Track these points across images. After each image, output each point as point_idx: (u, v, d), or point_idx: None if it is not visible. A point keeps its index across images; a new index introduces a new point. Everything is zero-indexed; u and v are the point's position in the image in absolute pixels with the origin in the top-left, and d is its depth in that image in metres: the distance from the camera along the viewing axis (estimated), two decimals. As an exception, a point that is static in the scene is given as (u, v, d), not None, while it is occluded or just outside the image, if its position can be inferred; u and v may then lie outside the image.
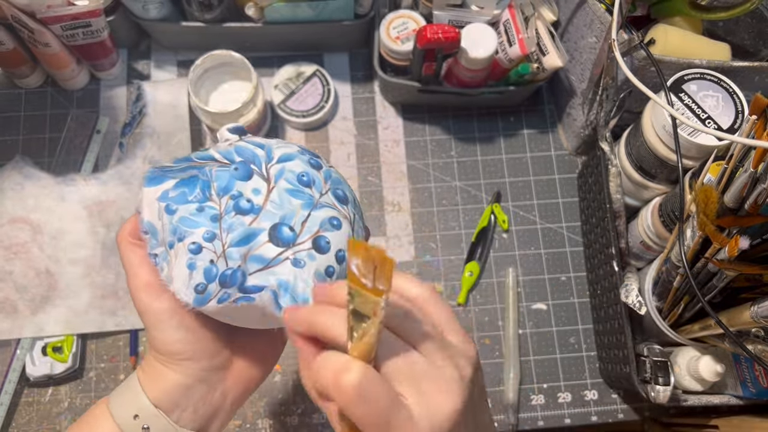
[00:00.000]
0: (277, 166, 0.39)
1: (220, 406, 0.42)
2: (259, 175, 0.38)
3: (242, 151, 0.40)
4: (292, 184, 0.39)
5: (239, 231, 0.37)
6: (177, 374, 0.39)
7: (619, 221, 0.74)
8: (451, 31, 0.71)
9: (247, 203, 0.37)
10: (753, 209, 0.53)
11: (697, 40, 0.71)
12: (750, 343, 0.59)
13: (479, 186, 0.87)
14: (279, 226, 0.37)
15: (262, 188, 0.38)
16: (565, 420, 0.78)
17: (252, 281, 0.36)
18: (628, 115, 0.75)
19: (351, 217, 0.41)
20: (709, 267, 0.58)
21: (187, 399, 0.40)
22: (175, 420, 0.39)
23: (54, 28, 0.74)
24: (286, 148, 0.41)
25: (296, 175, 0.39)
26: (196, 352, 0.40)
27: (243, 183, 0.38)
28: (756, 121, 0.53)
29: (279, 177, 0.39)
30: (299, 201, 0.38)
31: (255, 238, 0.37)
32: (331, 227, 0.39)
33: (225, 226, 0.37)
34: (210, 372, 0.41)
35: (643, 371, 0.68)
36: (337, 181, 0.42)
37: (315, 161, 0.42)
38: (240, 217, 0.37)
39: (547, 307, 0.82)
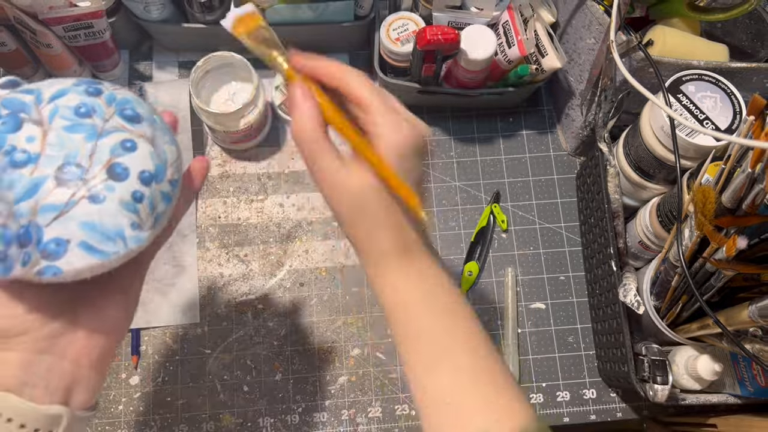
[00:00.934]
0: (48, 107, 0.36)
1: (77, 374, 0.38)
2: (31, 121, 0.35)
3: (9, 102, 0.36)
4: (68, 120, 0.36)
5: (21, 185, 0.34)
6: (11, 352, 0.36)
7: (618, 221, 0.75)
8: (450, 33, 0.71)
9: (22, 155, 0.34)
10: (751, 209, 0.53)
11: (695, 41, 0.71)
12: (748, 343, 0.59)
13: (479, 186, 0.87)
14: (64, 166, 0.34)
15: (36, 134, 0.35)
16: (564, 419, 0.78)
17: (50, 233, 0.34)
18: (627, 115, 0.75)
19: (149, 135, 0.38)
20: (707, 266, 0.59)
21: (32, 375, 0.36)
22: (28, 398, 0.35)
23: (56, 29, 0.74)
24: (59, 84, 0.38)
25: (72, 109, 0.36)
26: (25, 323, 0.36)
27: (14, 135, 0.34)
28: (754, 122, 0.53)
29: (53, 117, 0.36)
30: (80, 134, 0.35)
31: (41, 187, 0.34)
32: (125, 150, 0.36)
33: (5, 185, 0.33)
34: (50, 340, 0.37)
35: (641, 370, 0.69)
36: (124, 102, 0.39)
37: (94, 88, 0.38)
38: (18, 171, 0.34)
39: (545, 306, 0.83)
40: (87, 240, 0.34)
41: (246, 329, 0.79)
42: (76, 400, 0.38)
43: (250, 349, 0.79)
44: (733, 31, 0.75)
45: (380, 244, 0.43)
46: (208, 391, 0.77)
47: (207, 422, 0.75)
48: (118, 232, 0.35)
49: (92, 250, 0.35)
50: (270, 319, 0.80)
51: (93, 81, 0.39)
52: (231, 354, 0.78)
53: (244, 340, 0.79)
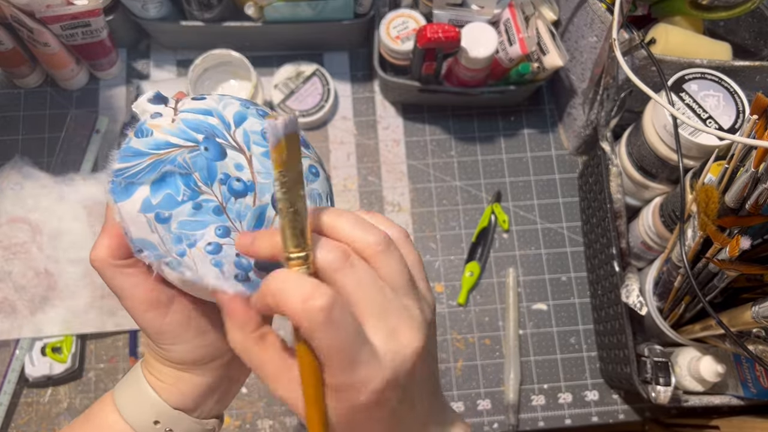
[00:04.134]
0: (239, 132, 0.35)
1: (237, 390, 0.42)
2: (231, 147, 0.34)
3: (196, 125, 0.34)
4: (262, 146, 0.35)
5: (249, 215, 0.34)
6: (200, 377, 0.38)
7: (620, 221, 0.74)
8: (451, 31, 0.71)
9: (239, 183, 0.34)
10: (754, 209, 0.53)
11: (697, 39, 0.71)
12: (751, 344, 0.59)
13: (479, 186, 0.87)
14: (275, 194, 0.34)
15: (242, 161, 0.34)
16: (565, 420, 0.78)
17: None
18: (629, 114, 0.75)
19: (316, 158, 0.38)
20: (710, 267, 0.58)
21: (211, 395, 0.39)
22: (197, 416, 0.38)
23: (53, 27, 0.74)
24: (231, 106, 0.36)
25: (261, 135, 0.35)
26: (217, 350, 0.38)
27: (222, 163, 0.33)
28: (757, 121, 0.53)
29: (248, 143, 0.35)
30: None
31: (265, 216, 0.34)
32: (313, 176, 0.37)
33: (233, 216, 0.33)
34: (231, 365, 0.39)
35: (643, 372, 0.68)
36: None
37: (261, 111, 0.37)
38: (241, 200, 0.34)
39: (547, 307, 0.82)
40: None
41: (245, 330, 0.79)
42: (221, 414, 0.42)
43: (248, 350, 0.78)
44: (736, 30, 0.74)
45: None
46: (207, 392, 0.76)
47: None
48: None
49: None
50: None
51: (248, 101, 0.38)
52: (230, 355, 0.78)
53: (243, 341, 0.78)
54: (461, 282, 0.82)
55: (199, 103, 0.36)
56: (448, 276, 0.83)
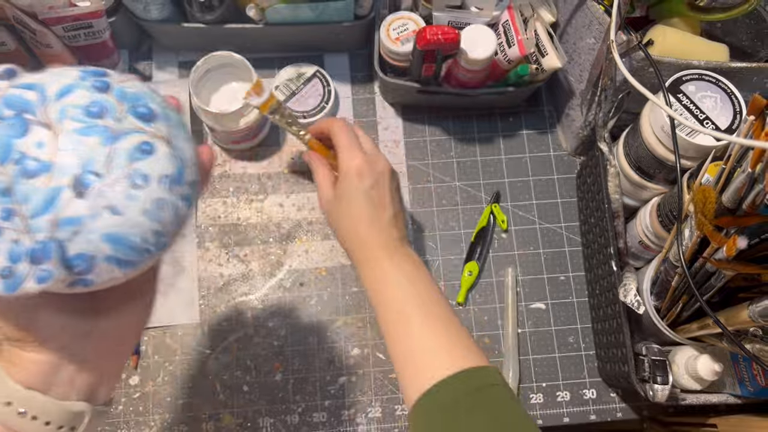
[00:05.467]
0: (55, 106, 0.33)
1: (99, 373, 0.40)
2: (38, 123, 0.32)
3: (11, 100, 0.33)
4: (80, 121, 0.32)
5: (36, 197, 0.31)
6: (40, 354, 0.36)
7: (618, 221, 0.74)
8: (450, 33, 0.71)
9: (34, 163, 0.31)
10: (751, 209, 0.53)
11: (695, 41, 0.71)
12: (748, 342, 0.59)
13: (479, 186, 0.87)
14: (81, 176, 0.32)
15: (45, 138, 0.32)
16: (563, 419, 0.78)
17: (74, 248, 0.32)
18: (627, 115, 0.75)
19: (164, 134, 0.35)
20: (707, 267, 0.59)
21: (58, 375, 0.37)
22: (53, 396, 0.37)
23: (56, 29, 0.74)
24: (63, 77, 0.34)
25: (82, 109, 0.33)
26: (53, 327, 0.37)
27: (22, 140, 0.31)
28: (754, 122, 0.53)
29: (62, 118, 0.32)
30: (95, 138, 0.32)
31: (58, 199, 0.31)
32: (143, 154, 0.33)
33: (19, 197, 0.31)
34: (75, 342, 0.38)
35: (641, 370, 0.69)
36: (136, 97, 0.35)
37: (101, 83, 0.35)
38: (32, 180, 0.31)
39: (546, 306, 0.83)
40: (112, 254, 0.33)
41: (246, 329, 0.79)
42: (98, 396, 0.40)
43: (249, 349, 0.79)
44: (734, 31, 0.75)
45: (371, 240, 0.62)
46: (208, 391, 0.77)
47: (207, 422, 0.75)
48: (144, 240, 0.34)
49: (119, 263, 0.34)
50: (270, 319, 0.80)
51: (98, 71, 0.36)
52: (231, 354, 0.78)
53: (244, 340, 0.79)
54: (460, 281, 0.82)
55: (29, 78, 0.34)
56: (447, 275, 0.83)
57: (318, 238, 0.83)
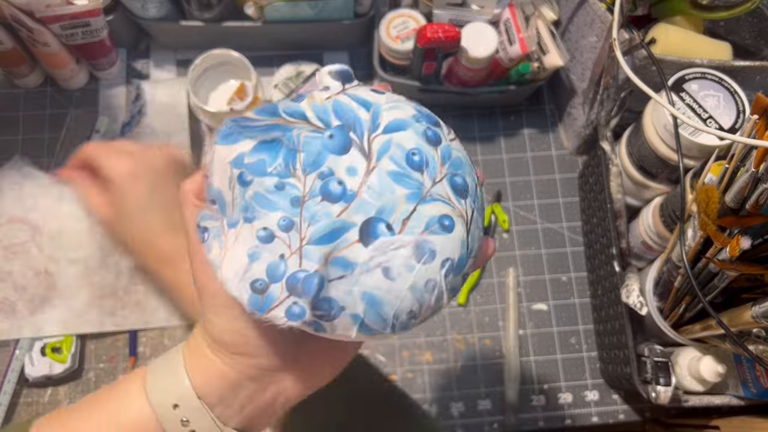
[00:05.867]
0: (382, 138, 0.30)
1: (270, 408, 0.37)
2: (359, 148, 0.30)
3: (342, 110, 0.31)
4: (398, 165, 0.30)
5: (324, 223, 0.29)
6: (227, 367, 0.34)
7: (620, 221, 0.74)
8: (451, 30, 0.71)
9: (338, 187, 0.29)
10: (754, 209, 0.53)
11: (698, 39, 0.70)
12: (751, 344, 0.59)
13: (479, 186, 0.86)
14: (374, 221, 0.29)
15: (359, 167, 0.29)
16: (565, 421, 0.78)
17: (332, 292, 0.29)
18: (629, 114, 0.75)
19: (468, 216, 0.32)
20: (710, 267, 0.58)
21: (233, 396, 0.35)
22: (217, 415, 0.34)
23: (53, 27, 0.74)
24: (399, 110, 0.32)
25: (405, 153, 0.30)
26: (255, 348, 0.34)
27: (337, 157, 0.29)
28: (757, 121, 0.52)
29: (383, 153, 0.30)
30: (404, 190, 0.29)
31: (343, 235, 0.29)
32: (441, 229, 0.30)
33: (307, 215, 0.29)
34: (263, 372, 0.35)
35: (643, 372, 0.68)
36: (458, 164, 0.32)
37: (433, 133, 0.32)
38: (327, 204, 0.29)
39: (547, 307, 0.82)
40: (362, 314, 0.30)
41: (245, 330, 0.79)
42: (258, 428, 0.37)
43: (248, 350, 0.78)
44: (737, 30, 0.74)
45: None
46: (207, 392, 0.76)
47: None
48: (395, 316, 0.30)
49: (362, 326, 0.30)
50: (269, 319, 0.79)
51: (432, 118, 0.33)
52: (229, 355, 0.78)
53: (243, 341, 0.78)
54: (461, 282, 0.82)
55: (366, 93, 0.32)
56: (448, 276, 0.82)
57: (317, 238, 0.83)
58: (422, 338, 0.80)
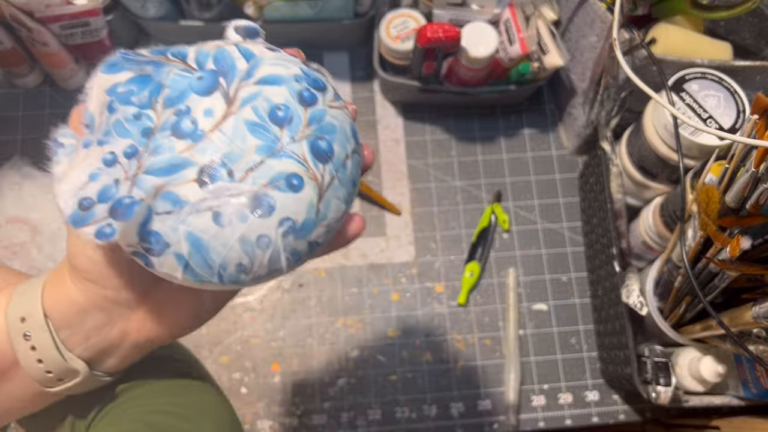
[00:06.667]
0: (251, 88, 0.30)
1: (117, 344, 0.37)
2: (223, 93, 0.30)
3: (222, 58, 0.31)
4: (258, 116, 0.30)
5: (164, 157, 0.29)
6: (78, 292, 0.35)
7: (621, 221, 0.74)
8: (451, 30, 0.71)
9: (190, 125, 0.29)
10: (754, 209, 0.52)
11: (698, 39, 0.70)
12: (751, 344, 0.59)
13: (479, 186, 0.86)
14: (216, 165, 0.29)
15: (217, 110, 0.29)
16: (565, 421, 0.78)
17: (157, 224, 0.29)
18: (629, 114, 0.75)
19: (323, 181, 0.31)
20: (710, 267, 0.58)
21: (80, 322, 0.35)
22: (63, 339, 0.35)
23: (52, 27, 0.74)
24: (281, 68, 0.32)
25: (271, 107, 0.30)
26: (103, 278, 0.34)
27: (198, 98, 0.30)
28: (757, 121, 0.52)
29: (246, 102, 0.30)
30: (257, 141, 0.29)
31: (179, 171, 0.29)
32: (287, 187, 0.30)
33: (152, 146, 0.29)
34: (111, 304, 0.35)
35: (644, 372, 0.68)
36: (328, 129, 0.32)
37: (310, 94, 0.32)
38: (174, 139, 0.29)
39: (547, 307, 0.82)
40: (186, 256, 0.29)
41: (244, 330, 0.79)
42: (104, 364, 0.38)
43: (248, 351, 0.78)
44: (737, 29, 0.74)
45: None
46: (206, 392, 0.76)
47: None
48: (222, 265, 0.30)
49: (187, 268, 0.30)
50: (269, 320, 0.79)
51: (319, 81, 0.33)
52: (229, 355, 0.78)
53: (243, 342, 0.78)
54: (461, 282, 0.82)
55: (257, 48, 0.32)
56: (448, 276, 0.83)
57: (317, 238, 0.83)
58: (422, 338, 0.80)
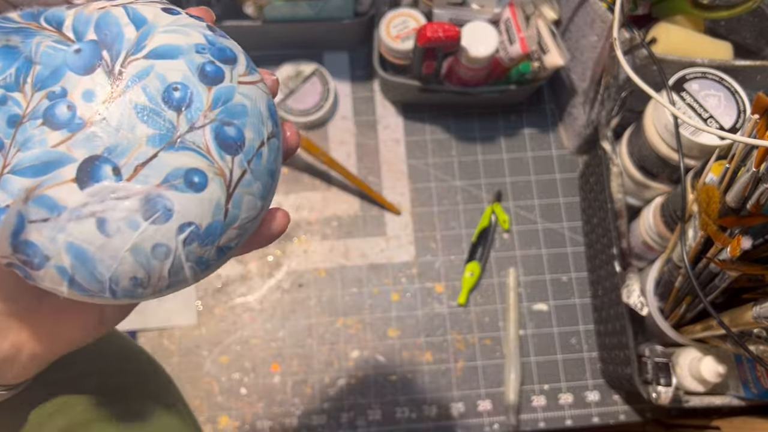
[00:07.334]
0: (142, 63, 0.25)
1: (12, 357, 0.33)
2: (107, 71, 0.25)
3: (106, 25, 0.26)
4: (149, 99, 0.25)
5: (36, 152, 0.24)
6: None
7: (621, 221, 0.74)
8: (451, 30, 0.70)
9: (66, 111, 0.24)
10: (755, 209, 0.52)
11: (698, 38, 0.70)
12: (752, 344, 0.58)
13: (480, 186, 0.86)
14: (99, 160, 0.24)
15: (100, 93, 0.24)
16: (566, 421, 0.78)
17: (33, 233, 0.24)
18: (630, 114, 0.75)
19: (231, 176, 0.26)
20: (711, 267, 0.58)
21: None
22: None
23: (52, 26, 0.74)
24: (179, 35, 0.26)
25: (165, 86, 0.25)
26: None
27: (77, 77, 0.24)
28: (758, 121, 0.52)
29: (135, 81, 0.25)
30: (149, 130, 0.24)
31: (55, 170, 0.24)
32: (187, 186, 0.25)
33: (20, 138, 0.24)
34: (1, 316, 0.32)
35: (644, 372, 0.68)
36: (237, 112, 0.27)
37: (214, 69, 0.26)
38: (46, 129, 0.24)
39: (548, 307, 0.82)
40: (69, 269, 0.25)
41: (244, 330, 0.79)
42: (1, 378, 0.35)
43: (247, 351, 0.78)
44: (737, 29, 0.74)
45: None
46: (206, 393, 0.76)
47: (204, 424, 0.75)
48: (112, 279, 0.25)
49: (72, 283, 0.25)
50: (268, 320, 0.79)
51: (226, 50, 0.28)
52: (228, 356, 0.78)
53: (242, 342, 0.78)
54: (461, 282, 0.82)
55: (149, 9, 0.27)
56: (448, 276, 0.82)
57: (317, 239, 0.83)
58: (422, 338, 0.80)
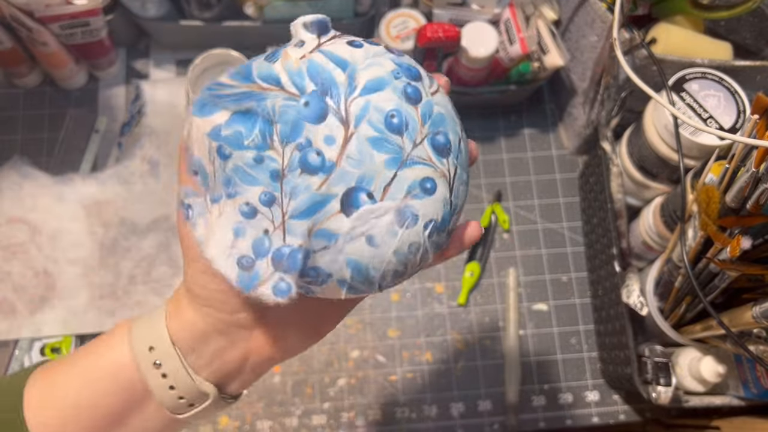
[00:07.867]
0: (359, 101, 0.29)
1: (240, 366, 0.37)
2: (336, 115, 0.29)
3: (317, 73, 0.29)
4: (376, 130, 0.29)
5: (305, 198, 0.28)
6: (198, 318, 0.35)
7: (621, 221, 0.74)
8: (451, 30, 0.70)
9: (316, 158, 0.28)
10: (755, 209, 0.52)
11: (698, 39, 0.70)
12: (752, 344, 0.58)
13: (480, 186, 0.86)
14: (355, 191, 0.28)
15: (337, 136, 0.28)
16: (566, 421, 0.78)
17: (318, 262, 0.29)
18: (630, 114, 0.75)
19: (450, 174, 0.31)
20: (710, 267, 0.58)
21: (203, 346, 0.36)
22: (189, 364, 0.35)
23: (52, 27, 0.74)
24: (377, 67, 0.30)
25: (384, 116, 0.29)
26: (218, 302, 0.35)
27: (314, 126, 0.28)
28: (758, 121, 0.52)
29: (361, 119, 0.29)
30: (384, 156, 0.29)
31: (324, 208, 0.28)
32: (423, 193, 0.30)
33: (287, 189, 0.28)
34: (230, 327, 0.36)
35: (644, 372, 0.68)
36: (439, 121, 0.31)
37: (413, 90, 0.31)
38: (306, 177, 0.28)
39: (548, 307, 0.82)
40: (348, 279, 0.30)
41: (244, 330, 0.79)
42: (228, 387, 0.38)
43: (248, 350, 0.78)
44: (737, 29, 0.74)
45: None
46: (206, 392, 0.76)
47: (204, 424, 0.75)
48: (382, 277, 0.31)
49: (350, 289, 0.31)
50: (269, 319, 0.79)
51: (413, 70, 0.32)
52: (229, 355, 0.78)
53: (243, 341, 0.78)
54: (461, 282, 0.82)
55: (342, 49, 0.31)
56: (448, 276, 0.82)
57: (317, 238, 0.83)
58: (422, 338, 0.80)
